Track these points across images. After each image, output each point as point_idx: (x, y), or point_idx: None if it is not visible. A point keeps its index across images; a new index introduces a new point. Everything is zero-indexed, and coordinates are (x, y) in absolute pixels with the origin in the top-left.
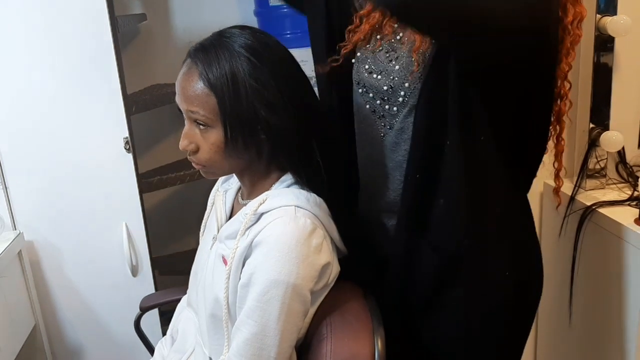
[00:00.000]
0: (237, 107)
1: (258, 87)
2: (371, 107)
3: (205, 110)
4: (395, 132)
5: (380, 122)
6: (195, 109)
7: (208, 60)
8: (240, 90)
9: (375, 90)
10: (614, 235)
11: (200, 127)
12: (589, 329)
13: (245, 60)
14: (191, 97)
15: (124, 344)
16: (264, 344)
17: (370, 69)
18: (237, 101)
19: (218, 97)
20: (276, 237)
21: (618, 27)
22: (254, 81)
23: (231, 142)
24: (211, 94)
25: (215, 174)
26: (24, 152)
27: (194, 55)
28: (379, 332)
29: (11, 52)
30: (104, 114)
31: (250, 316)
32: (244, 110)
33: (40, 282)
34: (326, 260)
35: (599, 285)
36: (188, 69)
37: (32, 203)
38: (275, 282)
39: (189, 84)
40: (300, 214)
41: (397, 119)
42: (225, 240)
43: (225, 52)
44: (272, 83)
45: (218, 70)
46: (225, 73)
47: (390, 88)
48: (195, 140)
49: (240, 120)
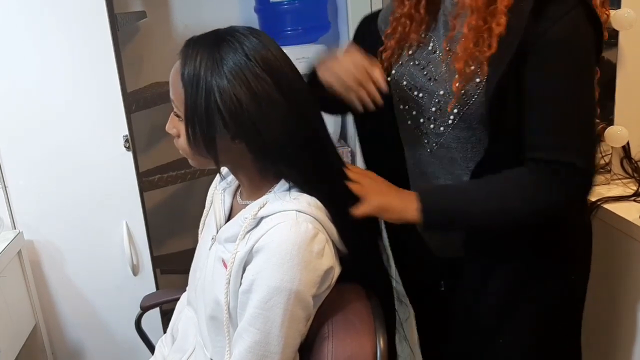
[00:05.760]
0: (196, 109)
1: (224, 98)
2: (413, 123)
3: (177, 102)
4: (446, 150)
5: (424, 140)
6: (173, 98)
7: (188, 56)
8: (202, 94)
9: (419, 109)
10: (619, 231)
11: (178, 117)
12: (594, 326)
13: (220, 68)
14: (172, 86)
15: (125, 344)
16: (267, 351)
17: (409, 85)
18: (196, 103)
19: (186, 93)
20: (278, 244)
21: (622, 20)
22: (221, 93)
23: (193, 141)
24: (182, 89)
25: (198, 165)
26: (23, 151)
27: (185, 47)
28: (381, 332)
29: (10, 50)
30: (104, 112)
31: (253, 324)
32: (204, 114)
33: (40, 282)
34: (328, 265)
35: (604, 281)
36: (180, 59)
37: (31, 202)
38: (278, 289)
39: (174, 73)
40: (301, 219)
41: (444, 136)
42: (225, 242)
43: (206, 54)
44: (248, 99)
45: (191, 69)
46: (196, 74)
47: (438, 110)
48: (176, 126)
49: (200, 123)
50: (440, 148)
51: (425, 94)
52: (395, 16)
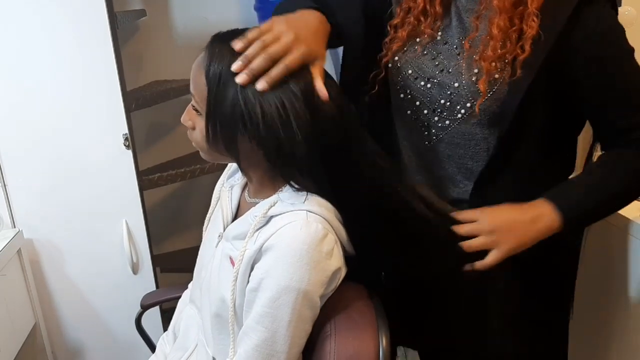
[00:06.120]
0: (221, 109)
1: (251, 100)
2: (414, 114)
3: (198, 98)
4: (446, 145)
5: (424, 132)
6: (193, 92)
7: (215, 54)
8: (228, 96)
9: (424, 99)
10: (620, 229)
11: (196, 112)
12: (593, 323)
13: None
14: (194, 80)
15: (125, 342)
16: (273, 350)
17: (415, 74)
18: (223, 103)
19: (209, 91)
20: (287, 243)
21: (623, 18)
22: (249, 93)
23: (212, 139)
24: (206, 85)
25: (210, 159)
26: (23, 150)
27: (210, 43)
28: (383, 330)
29: (9, 49)
30: (104, 110)
31: (260, 322)
32: (228, 115)
33: (40, 281)
34: (337, 266)
35: (604, 279)
36: (202, 55)
37: (31, 201)
38: (287, 288)
39: (196, 68)
40: (312, 219)
41: (447, 130)
42: (233, 240)
43: (234, 54)
44: (272, 101)
45: (217, 68)
46: (222, 74)
47: (448, 102)
48: (192, 119)
49: (222, 122)
50: (440, 142)
51: (434, 85)
52: (404, 8)
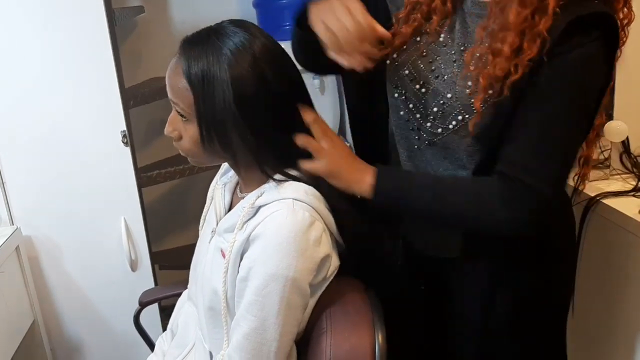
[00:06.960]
0: (212, 108)
1: (238, 93)
2: (406, 115)
3: (184, 104)
4: (438, 149)
5: (414, 135)
6: (176, 101)
7: (192, 57)
8: (217, 92)
9: (418, 103)
10: (619, 227)
11: (182, 118)
12: (592, 321)
13: (229, 64)
14: (173, 88)
15: (124, 339)
16: (264, 338)
17: (411, 76)
18: (212, 102)
19: (195, 94)
20: (274, 231)
21: None
22: (235, 86)
23: (207, 141)
24: (190, 90)
25: (201, 163)
26: (21, 147)
27: (182, 48)
28: (379, 325)
29: (7, 46)
30: (102, 107)
31: (250, 311)
32: (219, 112)
33: (38, 278)
34: (325, 253)
35: (602, 277)
36: (176, 61)
37: (29, 198)
38: (274, 276)
39: (173, 75)
40: (298, 207)
41: (438, 137)
42: (224, 233)
43: (211, 51)
44: (256, 89)
45: (199, 69)
46: (206, 73)
47: (440, 112)
48: (178, 129)
49: (215, 121)
50: (432, 146)
51: (428, 90)
52: (411, 1)
